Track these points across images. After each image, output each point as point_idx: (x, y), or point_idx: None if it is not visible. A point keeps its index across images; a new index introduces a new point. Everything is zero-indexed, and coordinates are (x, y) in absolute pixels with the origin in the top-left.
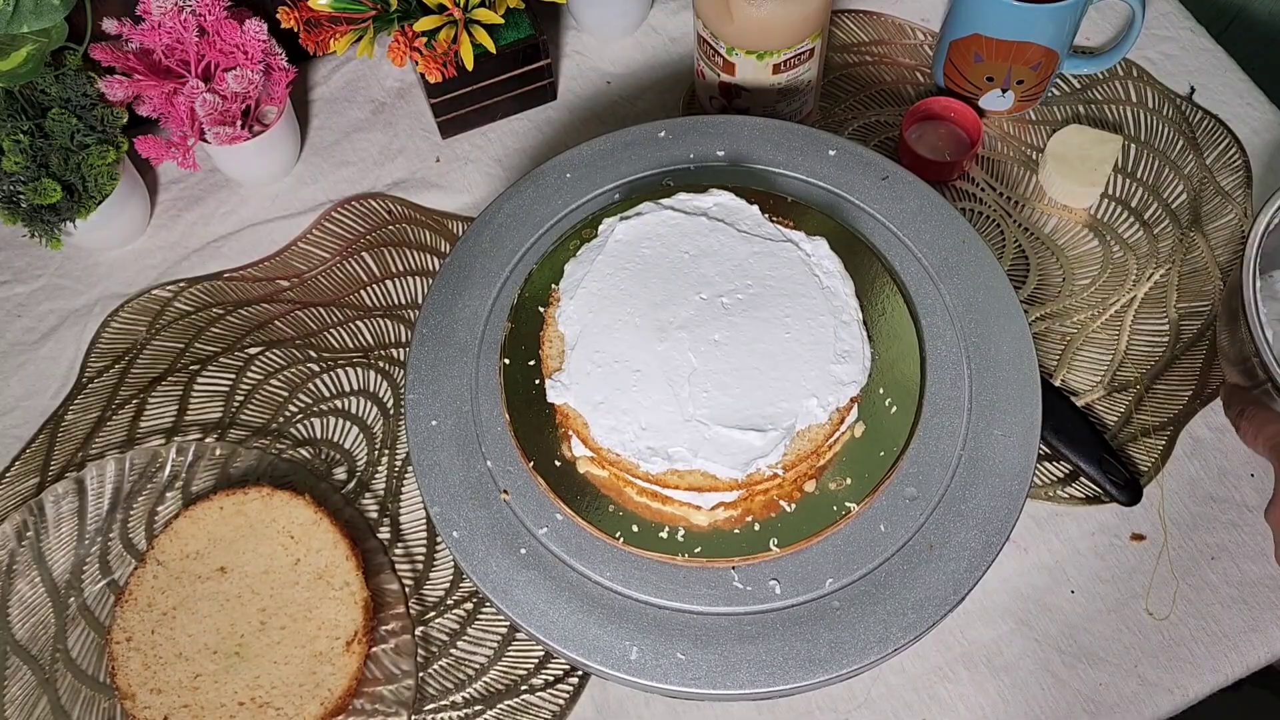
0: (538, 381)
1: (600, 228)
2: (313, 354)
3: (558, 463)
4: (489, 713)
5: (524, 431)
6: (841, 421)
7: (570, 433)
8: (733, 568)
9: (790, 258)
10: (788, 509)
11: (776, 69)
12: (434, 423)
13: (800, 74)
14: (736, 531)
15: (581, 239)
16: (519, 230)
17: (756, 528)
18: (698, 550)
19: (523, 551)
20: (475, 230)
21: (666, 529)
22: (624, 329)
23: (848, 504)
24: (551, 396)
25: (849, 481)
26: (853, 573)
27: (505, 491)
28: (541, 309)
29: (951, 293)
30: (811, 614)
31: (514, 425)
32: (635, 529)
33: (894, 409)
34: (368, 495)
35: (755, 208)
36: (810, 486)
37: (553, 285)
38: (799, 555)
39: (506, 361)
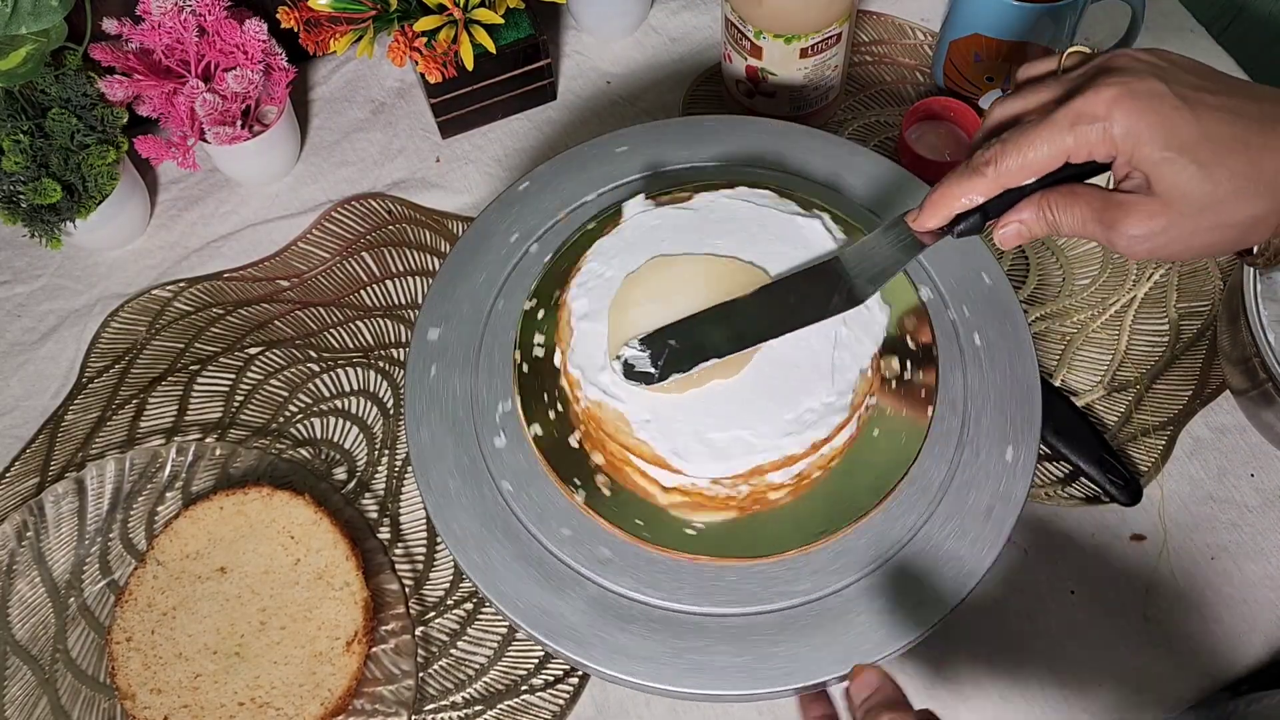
0: (541, 380)
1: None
2: (313, 354)
3: (556, 461)
4: (489, 713)
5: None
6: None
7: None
8: (734, 568)
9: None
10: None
11: (804, 53)
12: (434, 422)
13: (828, 58)
14: (739, 532)
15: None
16: (519, 230)
17: (759, 528)
18: (701, 549)
19: (523, 552)
20: (475, 230)
21: (670, 528)
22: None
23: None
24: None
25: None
26: (852, 574)
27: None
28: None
29: (951, 293)
30: (811, 614)
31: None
32: (639, 522)
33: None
34: (368, 495)
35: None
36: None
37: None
38: (800, 555)
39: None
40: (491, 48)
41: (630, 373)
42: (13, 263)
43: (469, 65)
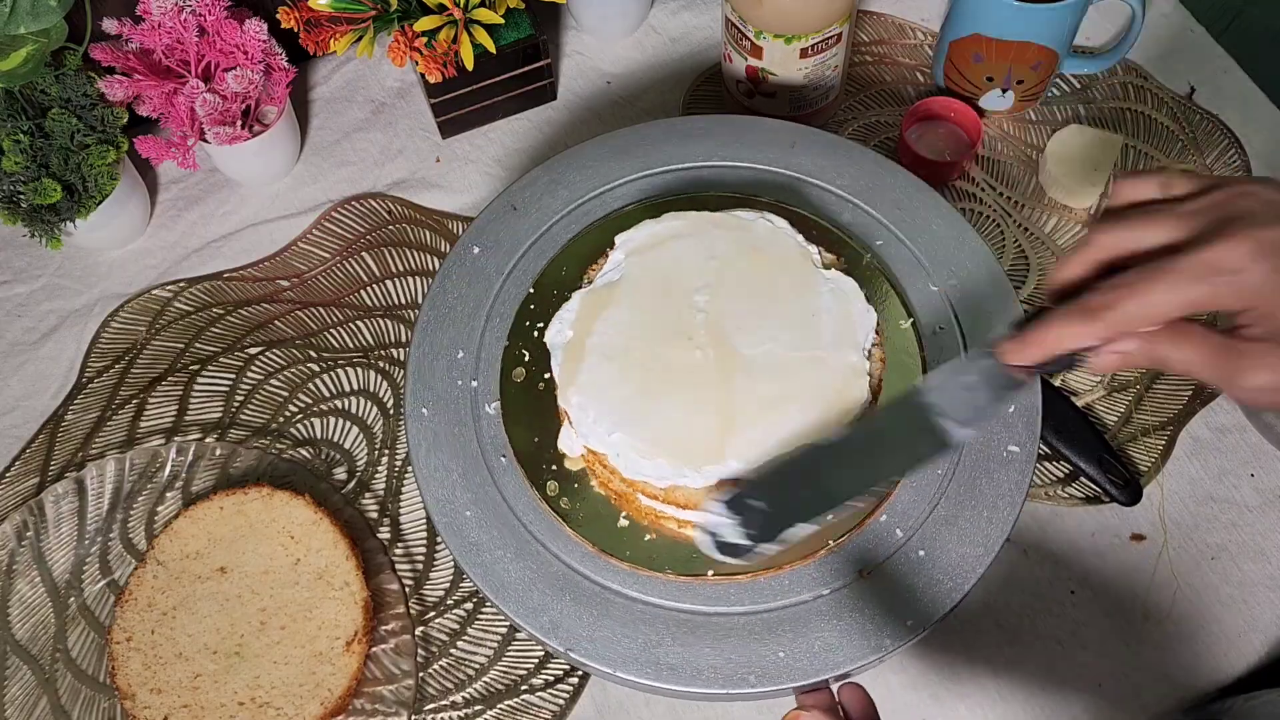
0: (543, 385)
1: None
2: (313, 354)
3: (555, 466)
4: (489, 713)
5: (523, 442)
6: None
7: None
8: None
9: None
10: None
11: (804, 53)
12: (433, 422)
13: (828, 58)
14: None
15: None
16: (518, 230)
17: None
18: (701, 569)
19: (524, 551)
20: (475, 230)
21: (668, 544)
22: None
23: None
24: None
25: None
26: (853, 573)
27: None
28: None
29: (951, 293)
30: (811, 614)
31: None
32: (642, 540)
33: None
34: (368, 495)
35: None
36: None
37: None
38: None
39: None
40: (491, 48)
41: (724, 548)
42: (13, 263)
43: (469, 65)
